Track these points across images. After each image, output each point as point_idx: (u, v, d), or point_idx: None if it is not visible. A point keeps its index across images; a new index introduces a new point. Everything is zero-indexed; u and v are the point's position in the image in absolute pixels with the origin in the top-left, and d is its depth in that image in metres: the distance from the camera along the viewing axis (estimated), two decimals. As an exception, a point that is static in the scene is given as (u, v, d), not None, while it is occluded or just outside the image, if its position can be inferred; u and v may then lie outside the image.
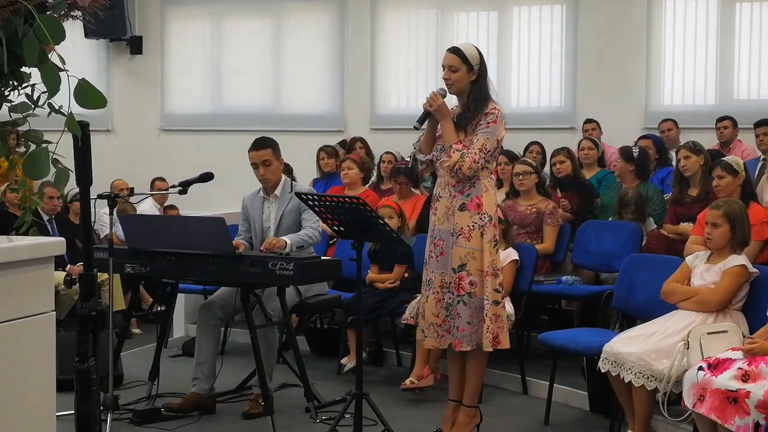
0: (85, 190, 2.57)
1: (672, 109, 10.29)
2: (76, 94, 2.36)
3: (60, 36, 2.33)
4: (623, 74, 10.62)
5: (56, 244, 2.52)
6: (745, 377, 4.27)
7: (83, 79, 2.37)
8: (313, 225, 6.11)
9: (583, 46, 10.82)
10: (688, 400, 4.46)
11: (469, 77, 5.20)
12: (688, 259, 5.33)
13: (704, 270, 5.14)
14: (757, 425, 4.14)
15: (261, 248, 5.97)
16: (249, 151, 6.19)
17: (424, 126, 5.32)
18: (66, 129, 2.42)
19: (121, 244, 6.30)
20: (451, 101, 5.33)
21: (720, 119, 9.38)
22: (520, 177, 7.39)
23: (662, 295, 5.26)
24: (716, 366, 4.44)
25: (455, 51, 5.22)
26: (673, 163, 8.13)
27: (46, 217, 8.41)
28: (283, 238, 5.95)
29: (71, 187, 2.55)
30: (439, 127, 5.28)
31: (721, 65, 10.33)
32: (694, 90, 10.46)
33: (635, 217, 7.20)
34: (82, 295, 2.53)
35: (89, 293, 2.52)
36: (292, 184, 6.30)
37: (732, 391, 4.24)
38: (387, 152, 9.37)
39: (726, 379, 4.31)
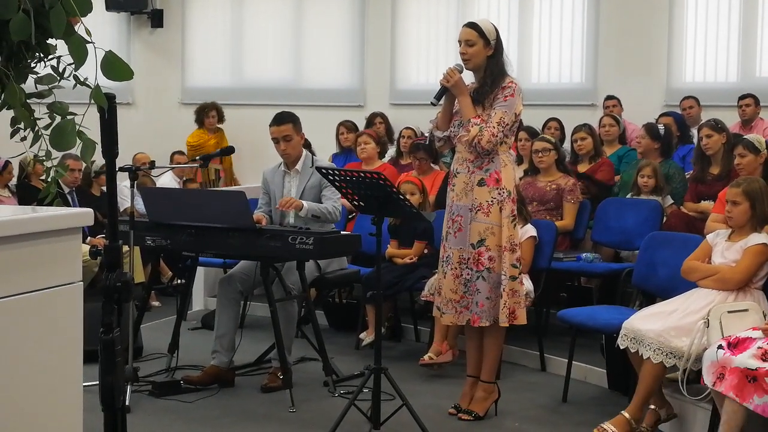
0: (111, 162, 2.58)
1: (694, 86, 10.22)
2: (103, 65, 2.36)
3: (87, 8, 2.34)
4: (645, 51, 10.55)
5: (84, 214, 2.54)
6: (765, 356, 4.26)
7: (110, 51, 2.37)
8: (334, 203, 6.13)
9: (605, 22, 10.74)
10: (707, 379, 4.45)
11: (485, 52, 5.21)
12: (709, 237, 5.31)
13: (725, 248, 5.12)
14: None
15: (277, 206, 6.07)
16: (270, 126, 6.20)
17: (442, 102, 5.32)
18: (92, 101, 2.43)
19: (140, 217, 6.32)
20: (468, 78, 5.33)
21: (742, 97, 9.31)
22: (540, 154, 7.37)
23: (682, 273, 5.24)
24: (736, 345, 4.43)
25: (472, 26, 5.23)
26: (695, 140, 8.09)
27: (66, 189, 8.44)
28: (301, 201, 5.98)
29: (96, 158, 2.56)
30: (456, 102, 5.28)
31: (744, 42, 10.23)
32: (716, 67, 10.38)
33: (653, 183, 7.17)
34: (107, 267, 2.54)
35: (114, 264, 2.53)
36: (313, 158, 6.30)
37: (751, 369, 4.23)
38: (407, 127, 9.34)
39: (745, 358, 4.30)
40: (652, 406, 5.05)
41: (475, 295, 5.19)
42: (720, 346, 4.47)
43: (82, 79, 2.48)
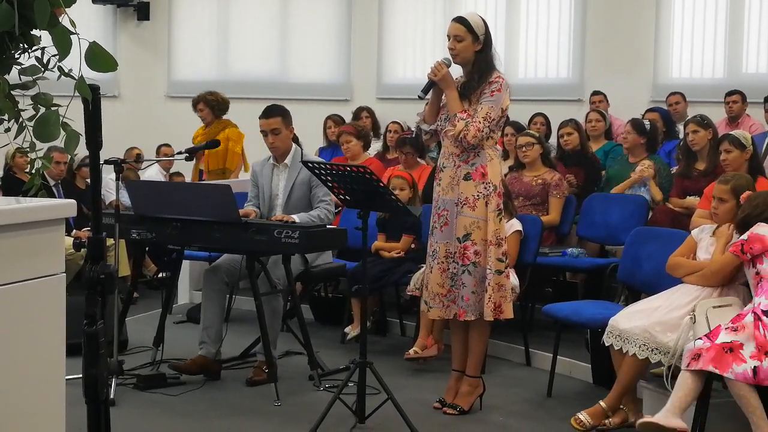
0: (95, 154, 2.57)
1: (680, 82, 10.26)
2: (87, 57, 2.35)
3: (71, -1, 2.33)
4: (631, 46, 10.59)
5: (67, 205, 2.53)
6: (736, 329, 4.41)
7: (94, 42, 2.36)
8: (326, 205, 6.10)
9: (592, 18, 10.77)
10: (683, 364, 4.49)
11: (474, 47, 5.20)
12: (694, 232, 5.33)
13: (710, 244, 5.13)
14: (755, 370, 4.27)
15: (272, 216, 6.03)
16: (259, 119, 6.19)
17: (429, 95, 5.32)
18: (76, 92, 2.41)
19: (126, 210, 6.30)
20: (456, 72, 5.33)
21: (729, 93, 9.33)
22: (523, 149, 7.38)
23: (668, 269, 5.25)
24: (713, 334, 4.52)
25: (461, 20, 5.22)
26: (680, 136, 8.11)
27: (52, 182, 8.42)
28: (293, 216, 5.96)
29: (79, 151, 2.55)
30: (443, 96, 5.28)
31: (730, 38, 10.28)
32: (702, 63, 10.43)
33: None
34: (90, 259, 2.53)
35: (98, 257, 2.52)
36: (302, 153, 6.28)
37: (727, 342, 4.36)
38: (393, 122, 9.35)
39: (720, 336, 4.42)
40: (622, 407, 5.06)
41: (461, 289, 5.20)
42: (699, 338, 4.52)
43: (66, 71, 2.46)
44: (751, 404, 4.29)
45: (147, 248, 7.69)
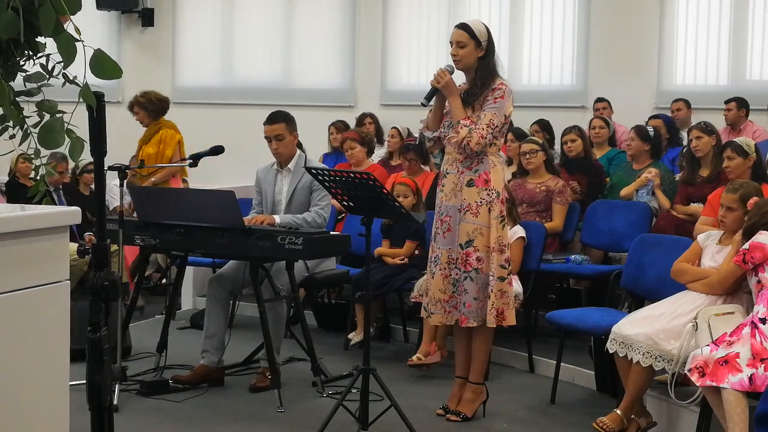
0: (99, 161, 2.58)
1: (684, 89, 10.24)
2: (92, 64, 2.36)
3: (76, 6, 2.33)
4: (635, 53, 10.57)
5: (72, 213, 2.54)
6: (730, 344, 4.43)
7: (99, 50, 2.36)
8: (319, 210, 6.10)
9: (596, 24, 10.76)
10: (693, 377, 4.49)
11: (476, 53, 5.21)
12: (700, 237, 5.31)
13: (716, 251, 5.12)
14: (751, 377, 4.29)
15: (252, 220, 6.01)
16: (264, 125, 6.20)
17: (432, 103, 5.32)
18: (81, 99, 2.42)
19: (130, 215, 6.31)
20: (459, 78, 5.33)
21: (727, 101, 9.34)
22: (527, 156, 7.37)
23: (672, 275, 5.24)
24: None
25: (463, 27, 5.23)
26: (684, 143, 8.11)
27: (51, 188, 8.41)
28: (274, 216, 5.97)
29: (83, 156, 2.56)
30: (446, 103, 5.29)
31: (734, 46, 10.27)
32: (706, 70, 10.41)
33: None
34: (94, 266, 2.54)
35: (102, 263, 2.52)
36: (306, 158, 6.28)
37: (722, 356, 4.37)
38: (393, 127, 9.37)
39: (717, 351, 4.43)
40: (632, 416, 5.05)
41: (463, 295, 5.20)
42: (707, 345, 4.52)
43: (71, 78, 2.47)
44: (733, 419, 4.27)
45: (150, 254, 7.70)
